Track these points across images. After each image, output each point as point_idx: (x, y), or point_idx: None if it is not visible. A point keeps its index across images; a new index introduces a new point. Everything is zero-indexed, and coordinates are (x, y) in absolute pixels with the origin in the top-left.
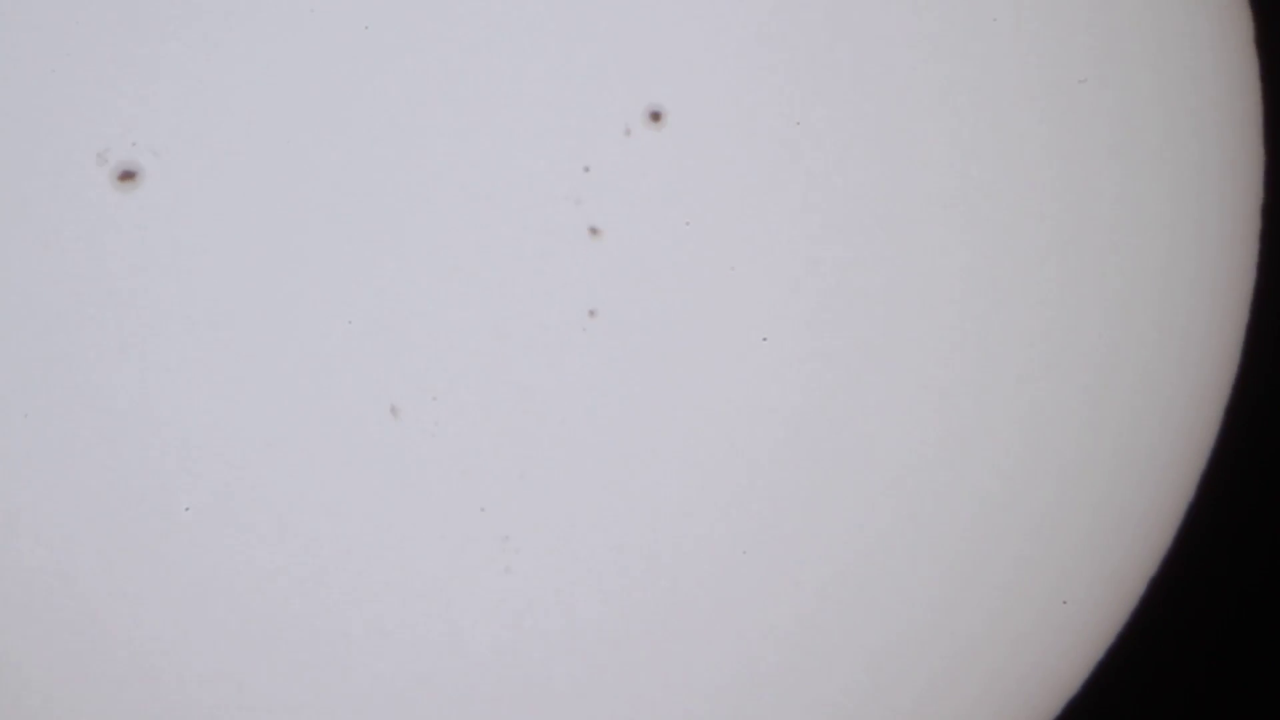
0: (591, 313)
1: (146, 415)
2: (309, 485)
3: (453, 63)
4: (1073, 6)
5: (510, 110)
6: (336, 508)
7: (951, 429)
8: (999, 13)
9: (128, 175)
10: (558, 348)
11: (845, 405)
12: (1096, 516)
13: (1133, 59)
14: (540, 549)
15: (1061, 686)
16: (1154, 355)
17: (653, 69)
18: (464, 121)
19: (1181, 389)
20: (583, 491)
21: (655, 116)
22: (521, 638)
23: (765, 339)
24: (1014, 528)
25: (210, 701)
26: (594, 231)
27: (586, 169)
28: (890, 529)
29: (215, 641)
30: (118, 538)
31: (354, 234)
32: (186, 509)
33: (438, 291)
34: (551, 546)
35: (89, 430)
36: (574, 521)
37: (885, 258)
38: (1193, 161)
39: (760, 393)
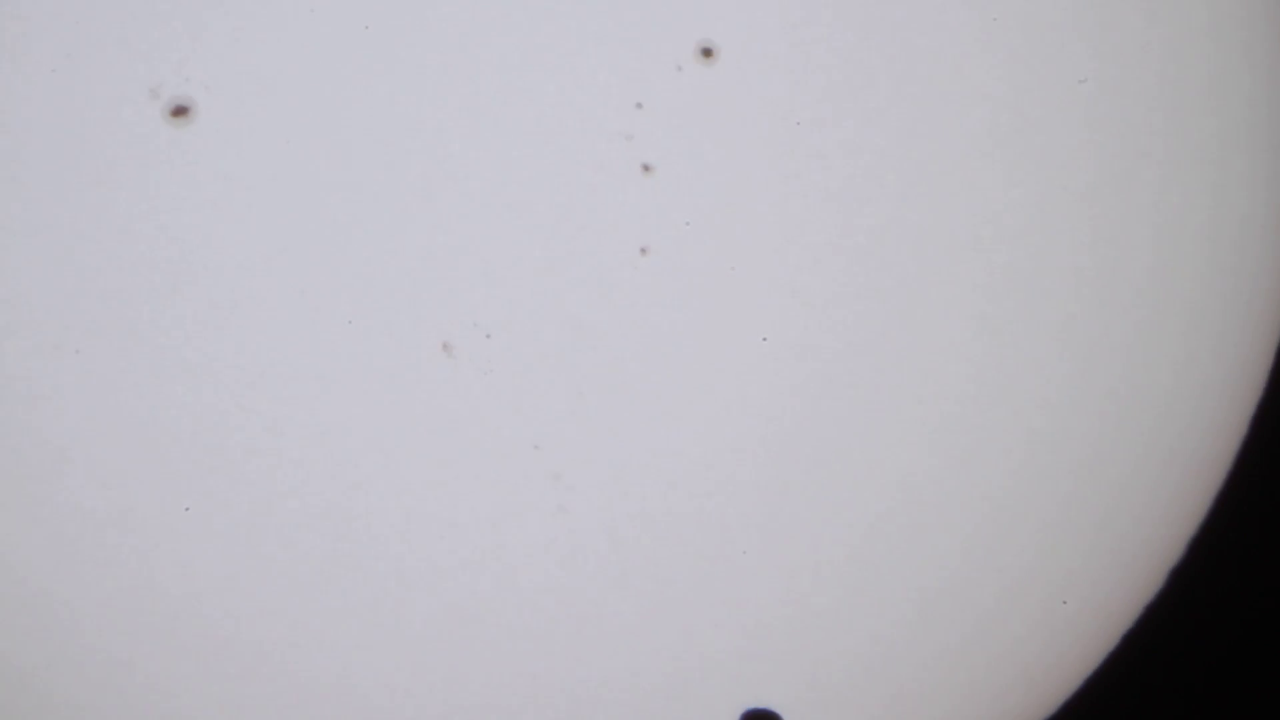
0: (643, 250)
1: (197, 352)
2: (361, 423)
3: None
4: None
5: (563, 46)
6: (389, 446)
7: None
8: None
9: (180, 111)
10: (610, 285)
11: (890, 355)
12: (1110, 516)
13: (1176, 59)
14: (593, 487)
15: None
16: (1180, 364)
17: (705, 5)
18: (516, 58)
19: (1206, 399)
20: (635, 429)
21: (707, 53)
22: (574, 577)
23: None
24: (1027, 520)
25: (261, 640)
26: (646, 168)
27: (639, 105)
28: (935, 472)
29: (266, 580)
30: (167, 475)
31: (407, 172)
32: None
33: (490, 229)
34: (604, 485)
35: (140, 366)
36: (627, 460)
37: (933, 195)
38: (1234, 163)
39: (811, 332)
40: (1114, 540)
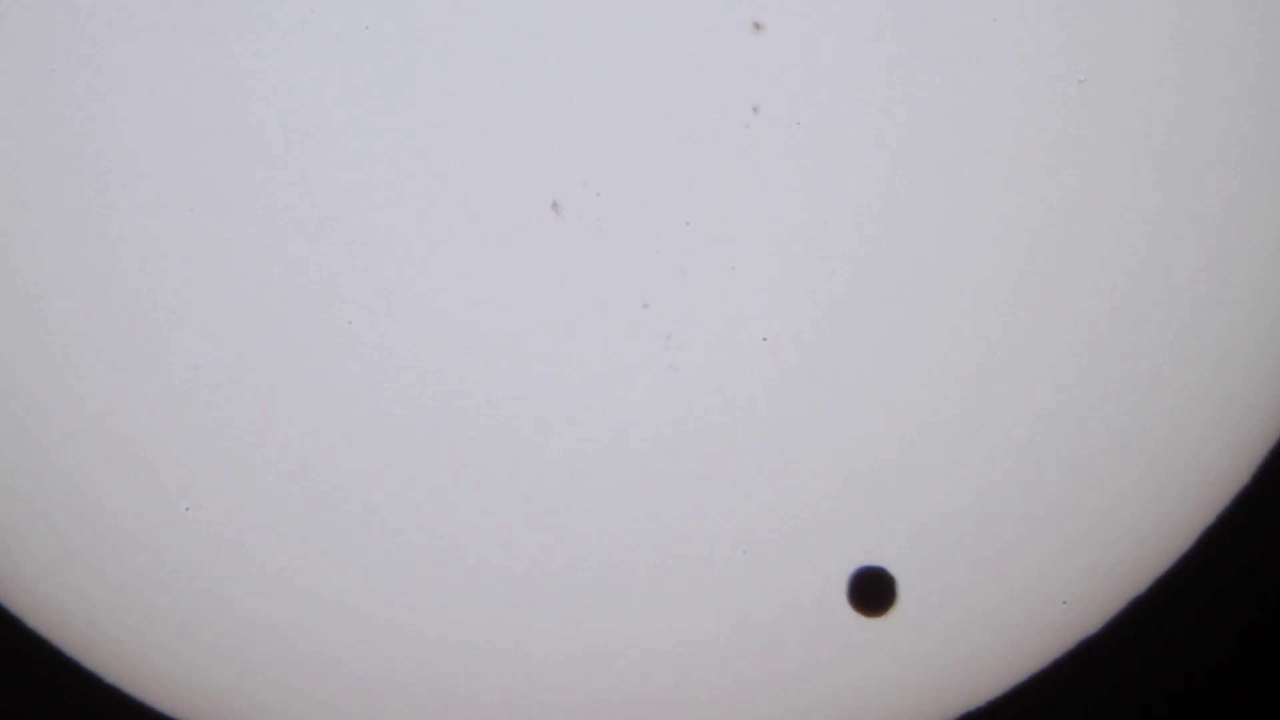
0: (755, 109)
1: (310, 210)
2: (471, 283)
3: None
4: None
5: None
6: (499, 305)
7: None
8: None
9: None
10: (721, 144)
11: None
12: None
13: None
14: (703, 346)
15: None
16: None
17: None
18: None
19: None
20: (746, 288)
21: None
22: (685, 435)
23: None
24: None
25: (376, 498)
26: (757, 26)
27: None
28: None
29: (379, 441)
30: (282, 334)
31: (517, 30)
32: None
33: (600, 87)
34: (714, 344)
35: (254, 226)
36: (737, 318)
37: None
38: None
39: (925, 192)
40: (1223, 394)
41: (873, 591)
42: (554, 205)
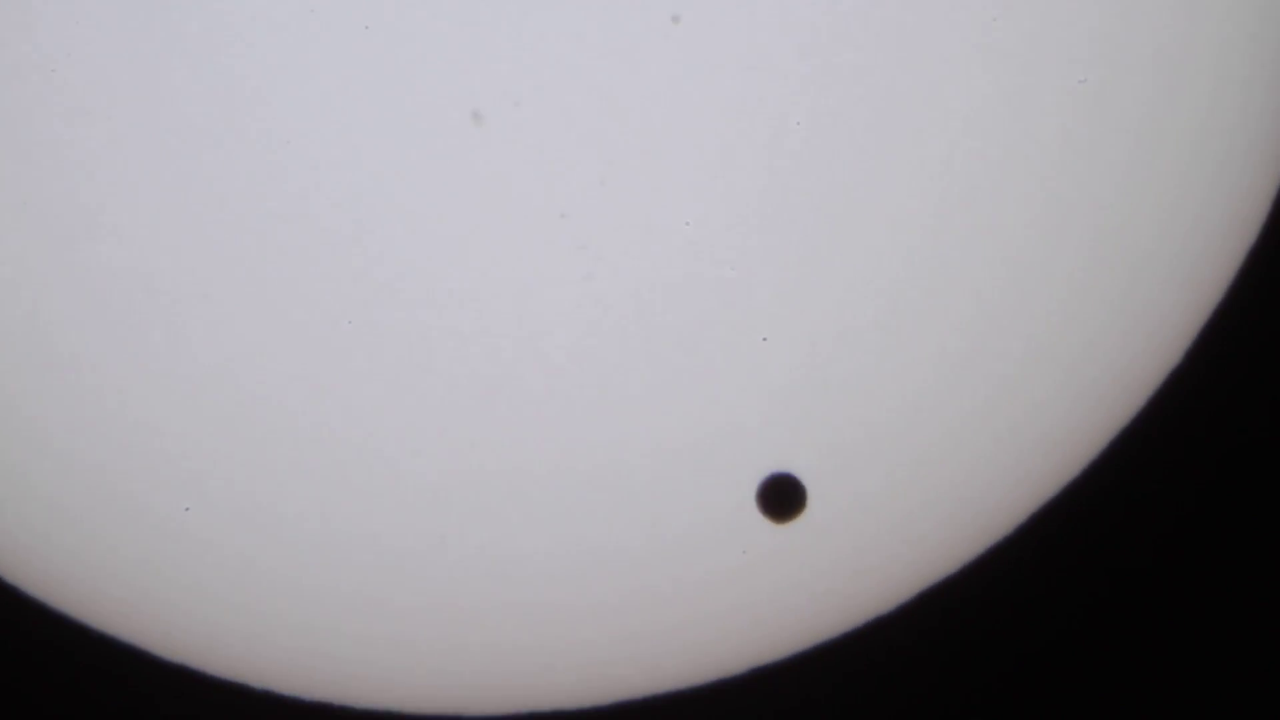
0: (675, 18)
1: (229, 125)
2: (388, 191)
3: None
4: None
5: None
6: (416, 213)
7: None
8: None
9: None
10: (639, 52)
11: (908, 142)
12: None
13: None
14: (620, 255)
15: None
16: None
17: None
18: None
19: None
20: (662, 199)
21: None
22: (600, 344)
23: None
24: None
25: (285, 405)
26: None
27: None
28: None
29: (292, 346)
30: (200, 241)
31: None
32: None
33: None
34: (630, 253)
35: (176, 129)
36: (653, 228)
37: None
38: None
39: (834, 108)
40: (1134, 310)
41: (782, 497)
42: (474, 115)
